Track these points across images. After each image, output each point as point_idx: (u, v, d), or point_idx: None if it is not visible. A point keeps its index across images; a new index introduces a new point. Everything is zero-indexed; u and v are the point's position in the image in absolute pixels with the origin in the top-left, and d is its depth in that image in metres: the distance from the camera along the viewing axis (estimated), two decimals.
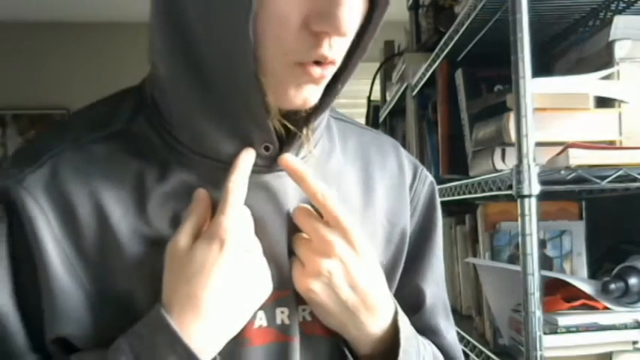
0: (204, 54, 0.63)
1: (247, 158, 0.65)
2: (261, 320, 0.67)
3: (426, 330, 0.81)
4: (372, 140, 0.82)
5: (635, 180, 1.01)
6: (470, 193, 1.26)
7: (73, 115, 0.71)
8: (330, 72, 0.64)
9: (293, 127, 0.67)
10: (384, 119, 2.79)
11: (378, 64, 2.65)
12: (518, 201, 0.99)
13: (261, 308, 0.66)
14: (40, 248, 0.61)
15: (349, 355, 0.70)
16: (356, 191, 0.76)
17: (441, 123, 1.64)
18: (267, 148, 0.67)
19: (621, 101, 1.12)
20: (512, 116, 1.04)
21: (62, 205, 0.63)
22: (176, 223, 0.64)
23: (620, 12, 1.25)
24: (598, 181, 1.00)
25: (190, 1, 0.62)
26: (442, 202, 1.77)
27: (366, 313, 0.69)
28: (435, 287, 0.82)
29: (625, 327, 1.06)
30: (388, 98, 2.67)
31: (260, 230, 0.66)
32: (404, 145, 2.58)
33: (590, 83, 1.11)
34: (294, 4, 0.60)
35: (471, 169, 1.37)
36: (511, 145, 1.08)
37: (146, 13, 0.71)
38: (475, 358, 1.36)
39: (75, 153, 0.65)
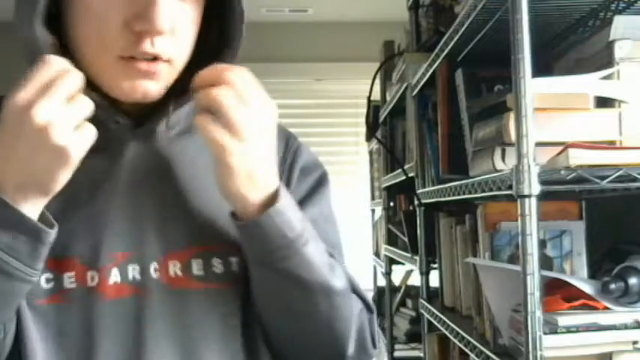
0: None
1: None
2: (116, 277, 0.76)
3: None
4: None
5: (635, 180, 1.01)
6: (470, 193, 1.26)
7: None
8: (162, 69, 0.74)
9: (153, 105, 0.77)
10: (384, 119, 2.79)
11: (378, 64, 2.65)
12: (518, 201, 0.99)
13: (114, 266, 0.76)
14: None
15: (234, 222, 0.76)
16: None
17: (441, 123, 1.64)
18: (117, 122, 0.77)
19: (621, 101, 1.12)
20: (512, 116, 1.04)
21: None
22: None
23: (620, 12, 1.25)
24: (598, 181, 1.00)
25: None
26: (442, 202, 1.76)
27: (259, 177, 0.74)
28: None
29: (625, 327, 1.06)
30: (388, 98, 2.68)
31: (123, 193, 0.77)
32: (404, 145, 2.56)
33: (590, 83, 1.10)
34: (113, 5, 0.71)
35: (471, 169, 1.37)
36: (511, 145, 1.08)
37: None
38: (475, 358, 1.36)
39: None
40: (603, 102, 1.13)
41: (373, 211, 3.54)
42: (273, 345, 0.83)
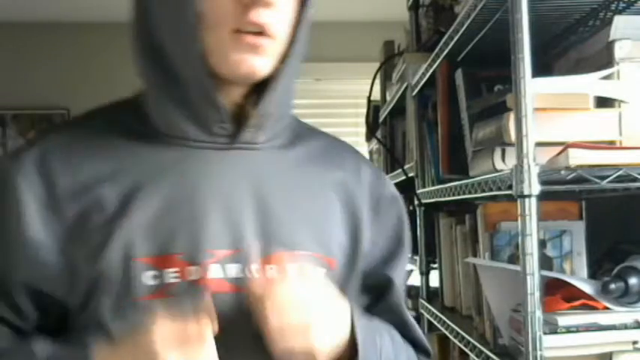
0: (166, 49, 0.81)
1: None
2: (217, 273, 0.80)
3: (391, 311, 0.95)
4: (337, 146, 0.98)
5: (635, 180, 1.01)
6: (470, 193, 1.26)
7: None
8: (266, 44, 0.80)
9: (246, 110, 0.83)
10: (384, 119, 2.79)
11: (378, 64, 2.65)
12: (518, 201, 0.99)
13: (215, 262, 0.80)
14: (19, 209, 0.78)
15: None
16: (311, 178, 0.90)
17: (441, 123, 1.64)
18: (223, 128, 0.83)
19: (621, 101, 1.12)
20: (512, 116, 1.04)
21: (46, 177, 0.79)
22: (144, 189, 0.80)
23: (620, 12, 1.25)
24: (598, 181, 1.00)
25: (153, 4, 0.81)
26: (442, 202, 1.76)
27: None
28: (400, 279, 0.97)
29: (625, 327, 1.06)
30: (388, 98, 2.67)
31: (225, 197, 0.82)
32: (404, 145, 2.57)
33: (590, 83, 1.10)
34: None
35: (471, 169, 1.37)
36: (511, 145, 1.08)
37: None
38: (475, 358, 1.36)
39: (62, 134, 0.85)
40: (603, 102, 1.13)
41: None
42: None
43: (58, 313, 0.81)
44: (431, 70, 1.69)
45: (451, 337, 1.57)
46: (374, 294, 0.95)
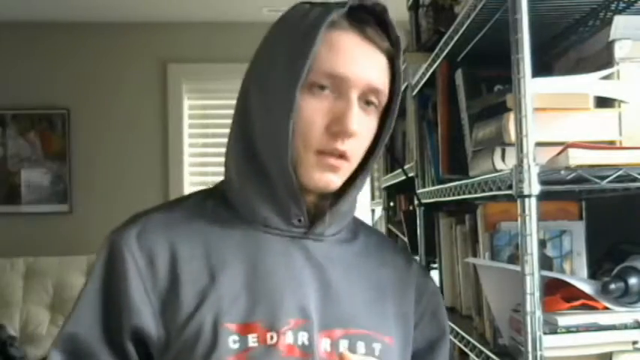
0: (261, 154, 0.95)
1: None
2: (290, 339, 0.91)
3: None
4: (388, 244, 1.14)
5: (635, 180, 1.01)
6: (470, 193, 1.26)
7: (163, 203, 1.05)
8: (344, 166, 0.95)
9: (321, 208, 0.98)
10: None
11: None
12: (518, 201, 0.99)
13: (289, 330, 0.91)
14: (125, 277, 0.92)
15: None
16: (368, 269, 1.02)
17: (441, 123, 1.64)
18: (299, 221, 0.97)
19: (621, 101, 1.12)
20: (512, 116, 1.04)
21: (147, 251, 0.93)
22: (229, 265, 0.94)
23: (620, 12, 1.25)
24: (598, 181, 1.00)
25: (256, 116, 0.95)
26: (442, 202, 1.75)
27: None
28: None
29: (625, 327, 1.06)
30: None
31: (294, 276, 0.95)
32: (404, 145, 2.56)
33: (590, 83, 1.10)
34: (319, 113, 0.92)
35: (470, 169, 1.37)
36: (511, 145, 1.08)
37: (146, 13, 0.75)
38: (475, 358, 1.36)
39: (159, 215, 0.98)
40: (603, 102, 1.13)
41: (373, 211, 3.54)
42: None
43: None
44: (431, 70, 1.69)
45: (451, 337, 1.57)
46: None
